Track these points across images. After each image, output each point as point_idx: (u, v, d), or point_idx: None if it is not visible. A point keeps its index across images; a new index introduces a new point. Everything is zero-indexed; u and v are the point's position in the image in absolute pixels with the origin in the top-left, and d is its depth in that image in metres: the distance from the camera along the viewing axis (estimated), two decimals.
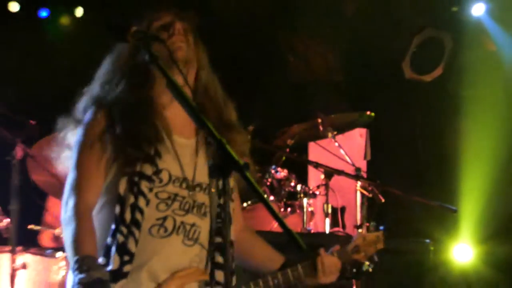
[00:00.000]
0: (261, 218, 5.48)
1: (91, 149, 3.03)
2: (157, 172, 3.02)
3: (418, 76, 6.07)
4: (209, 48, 3.21)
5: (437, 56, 6.50)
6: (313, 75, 7.00)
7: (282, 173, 5.70)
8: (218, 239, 3.09)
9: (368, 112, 5.67)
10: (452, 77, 6.45)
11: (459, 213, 5.98)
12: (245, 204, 5.44)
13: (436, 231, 5.90)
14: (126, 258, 2.96)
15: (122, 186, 3.00)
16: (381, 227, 3.43)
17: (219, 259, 3.09)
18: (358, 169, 5.34)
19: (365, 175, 5.45)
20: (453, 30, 6.51)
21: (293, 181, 5.65)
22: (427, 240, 5.16)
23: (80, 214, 2.97)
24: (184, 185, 3.07)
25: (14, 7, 7.00)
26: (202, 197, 3.09)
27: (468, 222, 6.26)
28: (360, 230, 3.36)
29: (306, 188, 5.59)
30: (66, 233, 2.96)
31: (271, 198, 5.68)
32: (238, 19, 6.77)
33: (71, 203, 2.98)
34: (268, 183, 5.69)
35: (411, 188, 6.02)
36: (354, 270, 3.52)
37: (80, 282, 2.81)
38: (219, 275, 3.07)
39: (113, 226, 2.99)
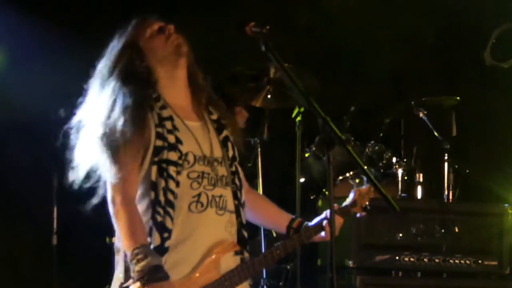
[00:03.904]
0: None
1: (129, 143, 3.17)
2: (182, 156, 3.23)
3: (497, 63, 6.59)
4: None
5: None
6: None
7: (379, 147, 6.11)
8: (236, 203, 3.37)
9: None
10: None
11: None
12: (347, 174, 5.97)
13: None
14: (166, 235, 3.17)
15: (154, 174, 3.20)
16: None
17: (243, 220, 3.39)
18: (445, 143, 5.95)
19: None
20: None
21: (389, 154, 6.10)
22: (506, 205, 5.56)
23: (129, 207, 3.16)
24: (206, 162, 3.29)
25: None
26: (221, 170, 3.34)
27: None
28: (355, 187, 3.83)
29: (401, 160, 6.06)
30: (119, 226, 3.15)
31: (371, 170, 5.98)
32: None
33: (118, 198, 3.16)
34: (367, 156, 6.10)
35: (494, 161, 6.59)
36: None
37: (141, 270, 3.04)
38: (245, 233, 3.38)
39: (151, 210, 3.19)
